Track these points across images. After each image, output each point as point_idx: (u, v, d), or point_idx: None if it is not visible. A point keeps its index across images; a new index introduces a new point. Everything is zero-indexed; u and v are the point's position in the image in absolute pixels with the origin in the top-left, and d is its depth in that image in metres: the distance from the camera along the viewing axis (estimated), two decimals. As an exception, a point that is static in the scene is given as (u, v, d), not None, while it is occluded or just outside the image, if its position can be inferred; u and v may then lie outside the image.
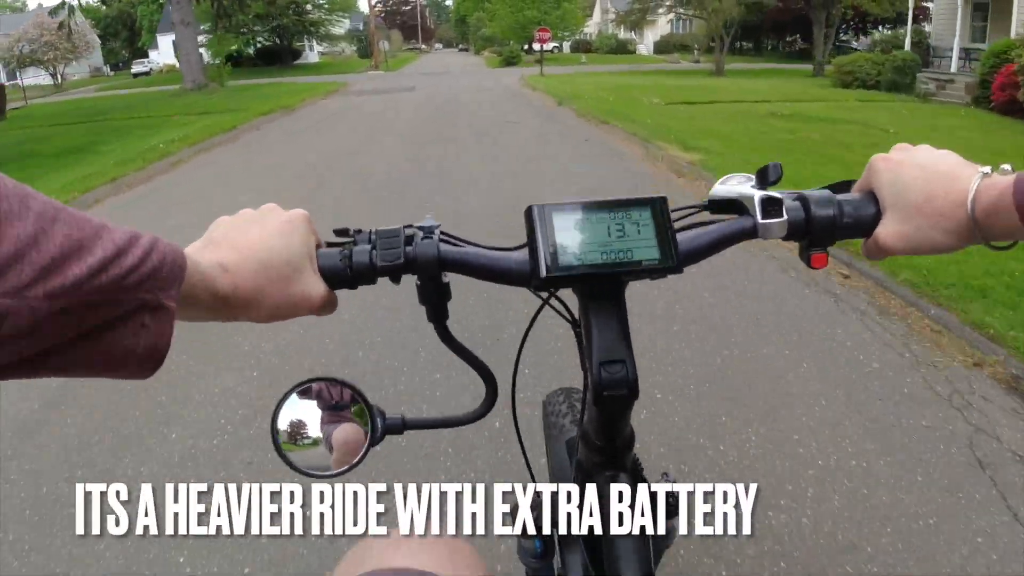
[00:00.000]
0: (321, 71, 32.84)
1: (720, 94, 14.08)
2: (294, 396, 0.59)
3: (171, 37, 26.60)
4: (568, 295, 0.60)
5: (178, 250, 0.39)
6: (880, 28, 30.65)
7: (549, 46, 58.91)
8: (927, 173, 0.52)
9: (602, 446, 0.62)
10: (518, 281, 0.56)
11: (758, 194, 0.56)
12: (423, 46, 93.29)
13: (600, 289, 0.55)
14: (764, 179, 0.57)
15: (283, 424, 0.58)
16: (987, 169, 0.49)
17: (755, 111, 10.94)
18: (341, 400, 0.60)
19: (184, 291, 0.39)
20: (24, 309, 0.29)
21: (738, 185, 0.59)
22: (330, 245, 0.56)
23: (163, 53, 41.88)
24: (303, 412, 0.59)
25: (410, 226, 0.57)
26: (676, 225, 0.55)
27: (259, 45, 37.35)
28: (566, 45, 50.54)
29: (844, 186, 0.60)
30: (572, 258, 0.52)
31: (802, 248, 0.59)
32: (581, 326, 0.57)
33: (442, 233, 0.57)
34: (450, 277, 0.59)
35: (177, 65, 40.22)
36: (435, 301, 0.59)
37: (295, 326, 2.86)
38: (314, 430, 0.59)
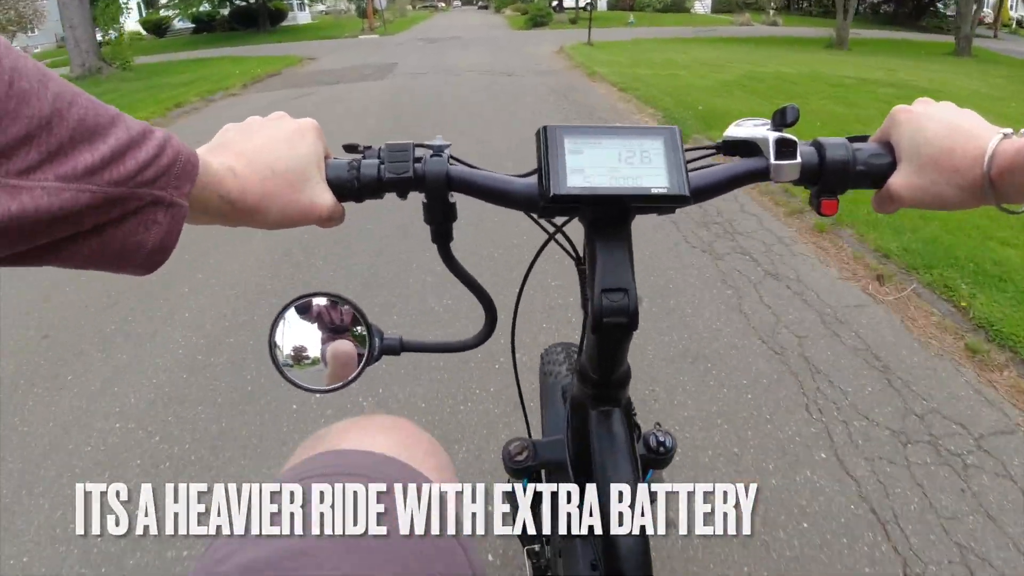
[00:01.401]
0: (301, 36, 26.31)
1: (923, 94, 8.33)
2: (292, 310, 0.60)
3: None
4: (573, 233, 0.61)
5: (191, 150, 0.39)
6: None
7: (583, 1, 50.40)
8: (947, 128, 0.51)
9: (598, 379, 0.62)
10: (525, 205, 0.55)
11: (772, 135, 0.55)
12: (440, 3, 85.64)
13: (607, 217, 0.54)
14: (780, 121, 0.56)
15: (280, 337, 0.59)
16: (1008, 131, 0.48)
17: None
18: (340, 316, 0.61)
19: (194, 192, 0.39)
20: (37, 193, 0.29)
21: (753, 128, 0.58)
22: (339, 159, 0.56)
23: (130, 18, 35.67)
24: (301, 326, 0.60)
25: (421, 144, 0.57)
26: (691, 165, 0.56)
27: (232, 5, 30.70)
28: (602, 0, 42.90)
29: (862, 138, 0.58)
30: (581, 180, 0.51)
31: (812, 195, 0.58)
32: (586, 255, 0.57)
33: (451, 155, 0.57)
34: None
35: (143, 32, 34.76)
36: (440, 220, 0.59)
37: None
38: (312, 345, 0.60)
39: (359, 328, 0.62)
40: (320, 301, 0.61)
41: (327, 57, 15.61)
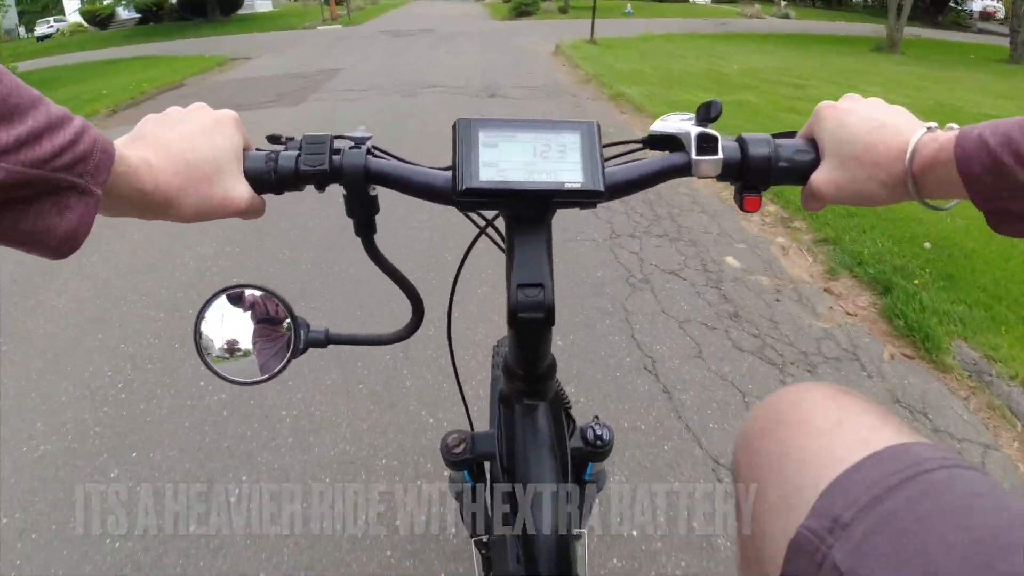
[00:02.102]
0: (254, 26, 22.89)
1: None
2: (222, 299, 0.59)
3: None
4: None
5: (108, 140, 0.39)
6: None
7: None
8: (871, 124, 0.51)
9: (521, 374, 0.61)
10: (441, 197, 0.54)
11: (695, 130, 0.55)
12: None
13: (524, 211, 0.53)
14: (704, 116, 0.55)
15: (207, 327, 0.58)
16: (933, 124, 0.48)
17: None
18: (265, 309, 0.60)
19: (109, 183, 0.39)
20: None
21: (678, 123, 0.57)
22: (260, 150, 0.55)
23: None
24: (227, 318, 0.59)
25: (341, 136, 0.56)
26: (615, 160, 0.56)
27: None
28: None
29: (789, 135, 0.58)
30: (493, 174, 0.50)
31: (736, 190, 0.57)
32: (506, 251, 0.55)
33: (373, 147, 0.56)
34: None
35: (85, 24, 30.89)
36: (361, 213, 0.58)
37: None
38: (236, 336, 0.59)
39: (285, 321, 0.61)
40: (248, 293, 0.60)
41: (263, 57, 12.38)
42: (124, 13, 30.37)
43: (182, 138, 0.48)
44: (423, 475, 1.67)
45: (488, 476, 0.87)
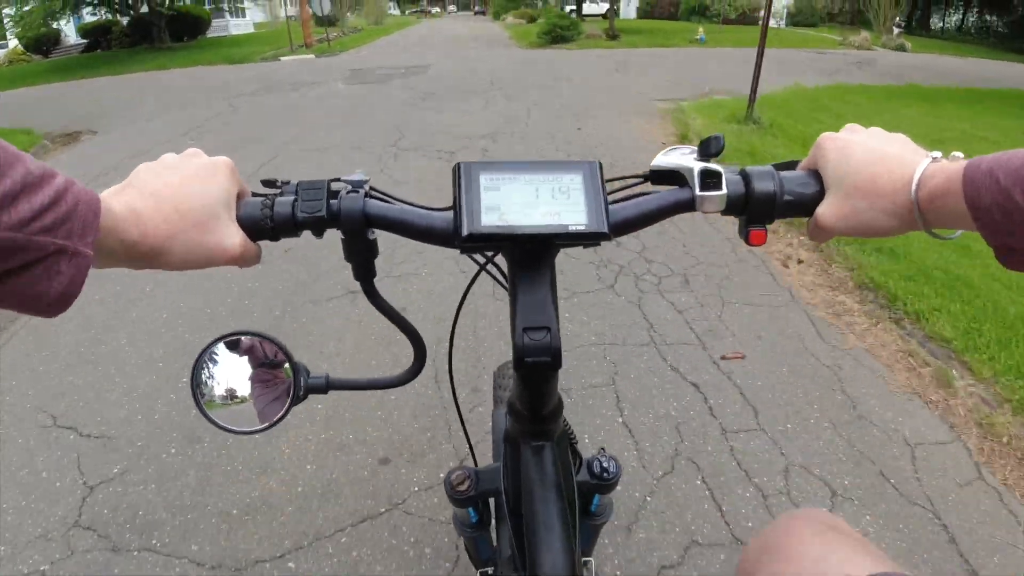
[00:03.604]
0: (207, 55, 17.19)
1: None
2: (220, 346, 0.58)
3: None
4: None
5: (92, 195, 0.38)
6: None
7: (602, 6, 40.00)
8: (874, 154, 0.50)
9: (527, 415, 0.61)
10: (442, 241, 0.53)
11: (698, 166, 0.54)
12: (434, 9, 76.72)
13: (527, 253, 0.53)
14: (706, 151, 0.54)
15: (205, 375, 0.58)
16: (937, 154, 0.47)
17: None
18: (265, 356, 0.59)
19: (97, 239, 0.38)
20: None
21: (680, 157, 0.56)
22: (256, 195, 0.54)
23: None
24: (225, 366, 0.58)
25: (338, 179, 0.54)
26: (616, 195, 0.55)
27: (130, 13, 21.44)
28: (630, 5, 33.61)
29: (791, 165, 0.57)
30: (496, 218, 0.49)
31: (741, 224, 0.56)
32: (509, 293, 0.55)
33: (371, 188, 0.55)
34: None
35: (23, 51, 25.45)
36: (360, 259, 0.57)
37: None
38: (235, 384, 0.58)
39: (286, 366, 0.60)
40: (246, 340, 0.59)
41: (112, 132, 6.44)
42: (71, 37, 24.93)
43: (175, 184, 0.47)
44: None
45: (493, 510, 0.86)
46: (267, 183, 0.55)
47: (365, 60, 14.24)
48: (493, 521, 0.85)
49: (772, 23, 26.32)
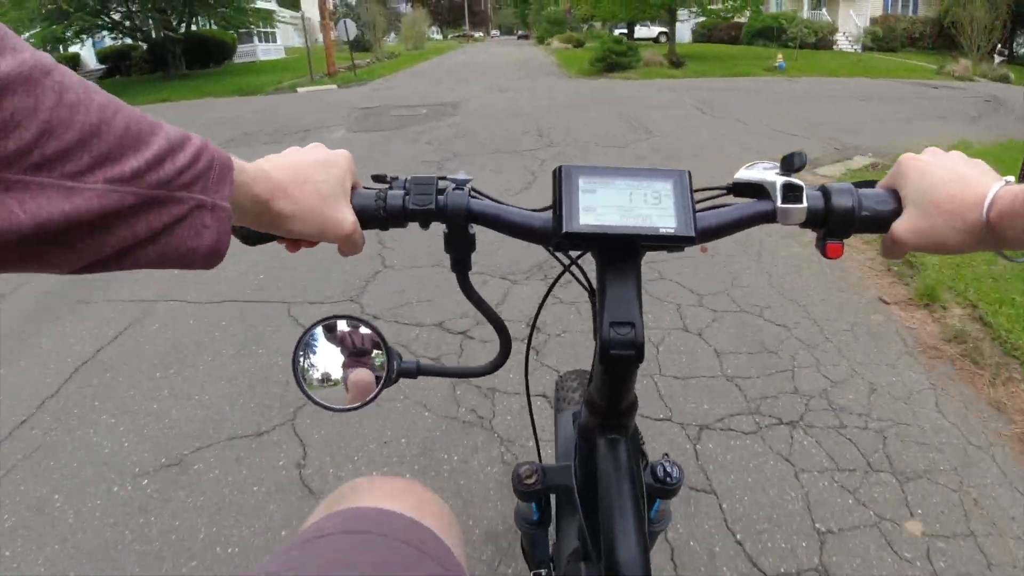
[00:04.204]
0: (225, 84, 15.48)
1: None
2: (319, 329, 0.63)
3: None
4: (589, 266, 0.62)
5: (225, 155, 0.41)
6: None
7: (654, 30, 37.49)
8: (951, 175, 0.52)
9: (605, 408, 0.62)
10: (539, 239, 0.57)
11: (780, 179, 0.56)
12: (477, 33, 75.71)
13: (617, 253, 0.55)
14: (788, 166, 0.57)
15: (304, 355, 0.62)
16: (1011, 178, 0.49)
17: None
18: (361, 339, 0.63)
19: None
20: (89, 195, 0.31)
21: (763, 171, 0.59)
22: (368, 189, 0.58)
23: None
24: (325, 347, 0.62)
25: (444, 177, 0.58)
26: (701, 205, 0.57)
27: (149, 37, 19.88)
28: (683, 28, 30.98)
29: (870, 184, 0.59)
30: (592, 218, 0.52)
31: (819, 237, 0.58)
32: (596, 290, 0.57)
33: (473, 189, 0.59)
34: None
35: None
36: (460, 250, 0.61)
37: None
38: (333, 365, 0.62)
39: (378, 351, 0.63)
40: (343, 324, 0.63)
41: None
42: (91, 62, 23.72)
43: (302, 163, 0.52)
44: None
45: (554, 511, 0.89)
46: (377, 178, 0.59)
47: (388, 93, 12.07)
48: (553, 521, 0.88)
49: (847, 47, 22.81)
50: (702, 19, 27.77)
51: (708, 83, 12.41)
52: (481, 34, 76.75)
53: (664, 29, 35.78)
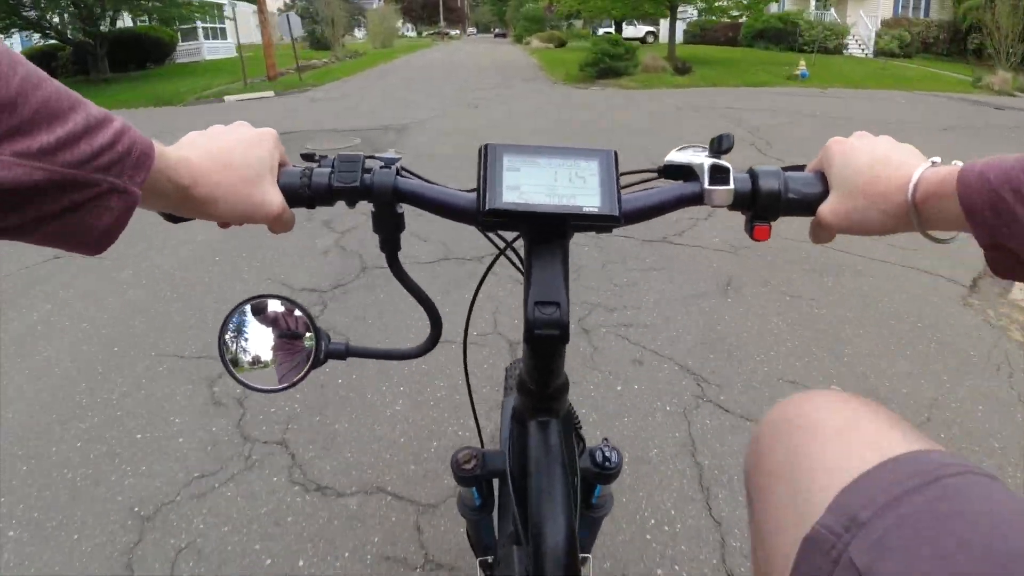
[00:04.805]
0: (151, 88, 12.78)
1: None
2: (245, 308, 0.61)
3: None
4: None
5: (147, 140, 0.40)
6: None
7: (640, 30, 34.80)
8: (877, 158, 0.52)
9: (534, 390, 0.62)
10: (465, 217, 0.56)
11: (708, 161, 0.56)
12: (453, 31, 72.96)
13: (544, 233, 0.55)
14: (717, 148, 0.56)
15: (231, 334, 0.61)
16: (937, 159, 0.49)
17: None
18: (289, 319, 0.62)
19: (149, 180, 0.40)
20: None
21: (692, 154, 0.59)
22: (295, 167, 0.57)
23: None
24: (252, 326, 0.61)
25: (372, 156, 0.58)
26: (631, 188, 0.57)
27: (69, 37, 16.97)
28: (679, 28, 28.54)
29: (799, 168, 0.59)
30: (516, 196, 0.51)
31: (747, 220, 0.58)
32: (524, 270, 0.56)
33: (401, 167, 0.58)
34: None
35: None
36: (388, 230, 0.60)
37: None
38: (260, 345, 0.61)
39: (308, 333, 0.62)
40: (273, 304, 0.62)
41: None
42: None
43: (224, 145, 0.50)
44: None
45: (496, 497, 0.87)
46: (306, 156, 0.58)
47: (326, 107, 9.52)
48: (496, 509, 0.86)
49: (858, 52, 20.20)
50: (695, 18, 25.48)
51: (729, 97, 10.06)
52: (457, 32, 74.03)
53: (651, 28, 33.42)
